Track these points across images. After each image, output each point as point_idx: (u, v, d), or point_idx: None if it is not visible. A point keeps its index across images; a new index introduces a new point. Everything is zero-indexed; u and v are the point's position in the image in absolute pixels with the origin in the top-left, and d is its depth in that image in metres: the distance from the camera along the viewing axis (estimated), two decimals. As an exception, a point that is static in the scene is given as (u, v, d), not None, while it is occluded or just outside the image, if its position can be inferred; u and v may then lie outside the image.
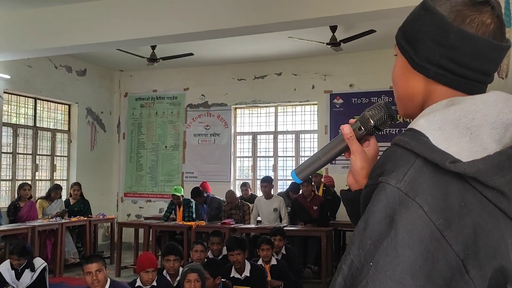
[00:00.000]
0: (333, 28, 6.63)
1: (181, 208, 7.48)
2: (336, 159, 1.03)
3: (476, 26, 0.78)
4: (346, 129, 0.94)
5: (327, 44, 6.73)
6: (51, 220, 7.05)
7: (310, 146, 8.79)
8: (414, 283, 0.65)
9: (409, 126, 0.77)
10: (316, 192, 7.20)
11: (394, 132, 7.42)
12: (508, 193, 0.71)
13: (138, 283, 4.12)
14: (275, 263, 5.18)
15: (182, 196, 7.52)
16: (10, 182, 7.95)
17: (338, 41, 6.64)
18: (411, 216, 0.68)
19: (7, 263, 5.19)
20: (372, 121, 0.94)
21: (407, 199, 0.69)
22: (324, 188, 7.38)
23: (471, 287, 0.67)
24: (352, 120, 0.97)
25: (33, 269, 5.10)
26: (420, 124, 0.75)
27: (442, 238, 0.67)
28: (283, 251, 5.64)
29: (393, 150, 0.76)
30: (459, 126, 0.73)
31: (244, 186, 7.95)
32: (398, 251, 0.66)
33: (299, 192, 7.25)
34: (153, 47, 7.58)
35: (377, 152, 0.97)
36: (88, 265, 3.71)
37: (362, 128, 0.95)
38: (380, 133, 0.98)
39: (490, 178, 0.70)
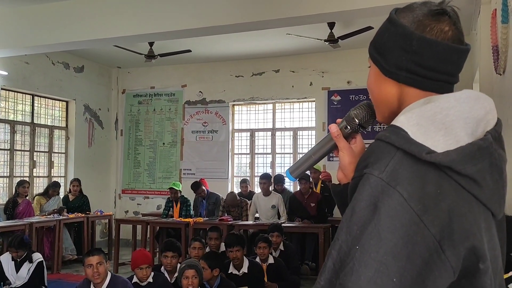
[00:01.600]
0: (331, 25, 6.63)
1: (178, 205, 7.49)
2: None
3: (436, 33, 0.88)
4: (333, 128, 1.03)
5: (325, 41, 6.73)
6: (48, 217, 7.06)
7: (308, 143, 8.80)
8: (396, 263, 0.72)
9: (391, 123, 0.85)
10: (314, 189, 7.22)
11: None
12: (479, 180, 0.79)
13: (135, 279, 4.13)
14: (272, 262, 5.19)
15: (180, 191, 7.52)
16: (7, 178, 7.94)
17: (336, 38, 6.64)
18: (392, 203, 0.75)
19: (7, 254, 5.21)
20: (356, 120, 1.03)
21: (389, 188, 0.76)
22: (322, 185, 7.39)
23: (447, 265, 0.75)
24: (339, 120, 1.06)
25: (31, 261, 5.13)
26: (400, 120, 0.83)
27: (420, 222, 0.74)
28: (281, 247, 5.65)
29: (376, 145, 0.83)
30: (435, 121, 0.81)
31: (244, 182, 7.95)
32: (381, 235, 0.73)
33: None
34: (151, 44, 7.57)
35: (363, 148, 1.05)
36: (89, 258, 3.74)
37: (348, 126, 1.03)
38: (365, 131, 1.06)
39: (463, 167, 0.78)
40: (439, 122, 0.80)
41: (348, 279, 0.72)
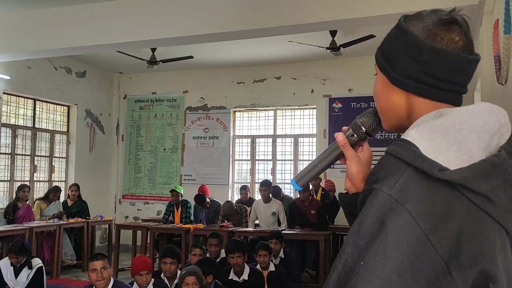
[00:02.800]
0: (333, 33, 6.66)
1: (179, 210, 7.48)
2: (335, 163, 1.08)
3: (446, 43, 0.86)
4: (339, 136, 1.01)
5: (327, 48, 6.76)
6: (48, 221, 7.05)
7: (309, 150, 8.80)
8: (401, 282, 0.71)
9: (401, 137, 0.83)
10: (315, 196, 7.21)
11: (393, 137, 7.43)
12: (493, 198, 0.77)
13: (135, 286, 4.13)
14: (273, 269, 5.17)
15: (181, 195, 7.52)
16: (8, 183, 7.94)
17: (337, 45, 6.67)
18: (400, 221, 0.74)
19: (6, 260, 5.19)
20: (363, 128, 1.01)
21: (397, 205, 0.75)
22: (323, 192, 7.38)
23: (453, 287, 0.73)
24: (345, 128, 1.04)
25: (30, 267, 5.11)
26: (411, 135, 0.81)
27: (428, 241, 0.73)
28: (282, 254, 5.64)
29: (387, 159, 0.82)
30: (447, 136, 0.78)
31: (244, 190, 7.91)
32: (387, 252, 0.72)
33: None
34: (153, 50, 7.59)
35: (370, 157, 1.03)
36: (93, 262, 3.75)
37: (355, 135, 1.01)
38: (371, 138, 1.04)
39: (477, 185, 0.76)
40: (451, 137, 0.78)
41: None
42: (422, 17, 0.89)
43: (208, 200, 7.53)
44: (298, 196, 7.10)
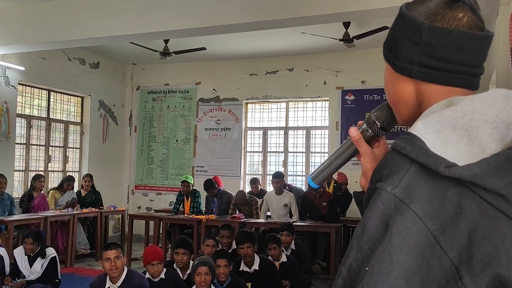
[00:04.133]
0: (346, 24, 6.61)
1: (189, 199, 7.54)
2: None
3: (448, 21, 0.81)
4: (353, 132, 0.96)
5: (340, 40, 6.71)
6: (63, 211, 7.14)
7: (321, 143, 8.78)
8: None
9: (408, 130, 0.77)
10: (327, 189, 7.20)
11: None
12: (508, 196, 0.69)
13: (148, 275, 4.18)
14: (285, 260, 5.20)
15: (192, 185, 7.56)
16: (23, 172, 8.05)
17: (351, 37, 6.62)
18: (406, 222, 0.69)
19: (20, 249, 5.30)
20: (378, 123, 0.96)
21: (402, 206, 0.69)
22: (335, 185, 7.37)
23: None
24: (360, 122, 0.99)
25: (44, 256, 5.21)
26: (417, 127, 0.75)
27: (437, 244, 0.67)
28: (293, 246, 5.66)
29: (391, 155, 0.76)
30: (456, 127, 0.72)
31: (254, 184, 7.80)
32: (393, 257, 0.68)
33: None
34: (166, 41, 7.61)
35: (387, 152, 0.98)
36: (107, 252, 3.80)
37: (369, 130, 0.96)
38: (387, 133, 0.99)
39: (488, 181, 0.69)
40: (461, 128, 0.72)
41: None
42: (423, 1, 0.85)
43: (216, 187, 7.55)
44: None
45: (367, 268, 0.69)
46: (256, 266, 4.75)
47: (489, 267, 0.67)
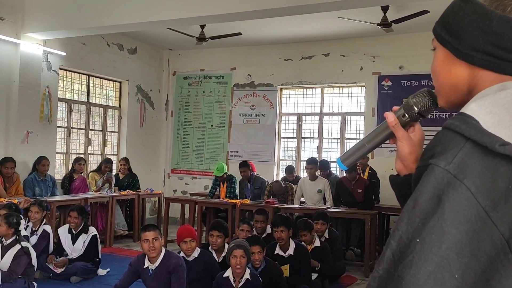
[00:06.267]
0: (385, 8, 6.47)
1: (225, 185, 7.62)
2: (384, 143, 1.06)
3: None
4: (390, 117, 0.98)
5: (378, 24, 6.58)
6: (102, 193, 7.35)
7: (356, 129, 8.69)
8: (459, 259, 0.69)
9: (460, 111, 0.80)
10: (362, 175, 7.15)
11: (444, 116, 7.22)
12: None
13: (182, 254, 4.29)
14: (319, 244, 5.22)
15: (226, 173, 7.64)
16: (64, 155, 8.32)
17: (389, 21, 6.49)
18: (458, 197, 0.71)
19: (65, 227, 5.55)
20: (416, 108, 0.98)
21: (455, 181, 0.72)
22: (370, 172, 7.30)
23: None
24: (395, 107, 1.01)
25: (86, 232, 5.45)
26: (471, 108, 0.77)
27: (488, 218, 0.70)
28: (326, 235, 5.66)
29: (444, 134, 0.78)
30: (510, 110, 0.75)
31: (290, 173, 7.82)
32: (444, 229, 0.70)
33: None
34: (202, 27, 7.64)
35: (422, 137, 1.01)
36: (146, 233, 3.91)
37: (406, 115, 0.98)
38: (423, 119, 1.00)
39: None
40: None
41: (407, 272, 0.70)
42: None
43: (249, 169, 7.62)
44: (345, 174, 7.07)
45: (418, 240, 0.71)
46: (291, 251, 4.79)
47: None
